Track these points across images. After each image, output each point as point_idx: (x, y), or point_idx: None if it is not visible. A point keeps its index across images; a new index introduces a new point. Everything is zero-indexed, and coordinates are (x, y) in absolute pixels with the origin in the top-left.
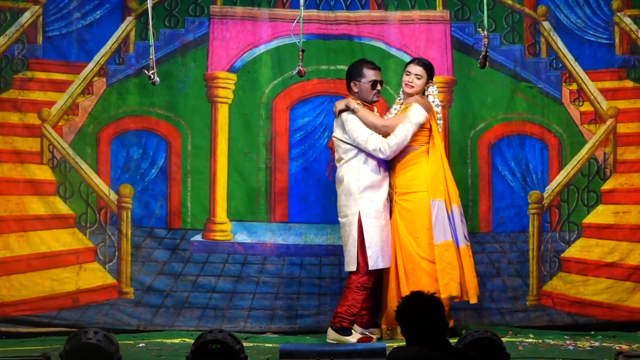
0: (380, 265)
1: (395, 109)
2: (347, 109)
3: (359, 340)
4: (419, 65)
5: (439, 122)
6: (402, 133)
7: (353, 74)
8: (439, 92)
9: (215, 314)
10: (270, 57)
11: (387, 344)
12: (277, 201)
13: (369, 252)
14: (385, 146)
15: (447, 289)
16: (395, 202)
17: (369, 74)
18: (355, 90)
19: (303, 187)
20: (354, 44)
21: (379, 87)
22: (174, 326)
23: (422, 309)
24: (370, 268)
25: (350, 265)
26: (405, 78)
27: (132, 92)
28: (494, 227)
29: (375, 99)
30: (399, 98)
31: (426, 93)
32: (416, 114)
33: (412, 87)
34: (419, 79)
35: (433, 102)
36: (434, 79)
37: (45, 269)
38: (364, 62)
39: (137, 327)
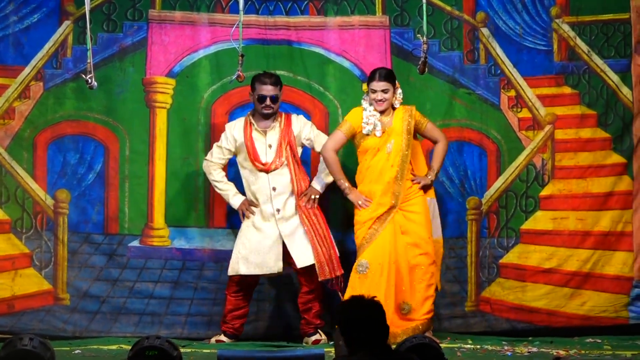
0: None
1: (371, 119)
2: None
3: (314, 342)
4: (381, 81)
5: None
6: None
7: (251, 86)
8: None
9: (153, 320)
10: (209, 62)
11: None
12: (216, 207)
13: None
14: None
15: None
16: (398, 210)
17: (258, 89)
18: (252, 101)
19: (242, 192)
20: (294, 49)
21: (267, 102)
22: (111, 332)
23: (363, 313)
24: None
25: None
26: (372, 96)
27: (69, 97)
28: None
29: (264, 112)
30: (370, 111)
31: (395, 98)
32: None
33: (383, 102)
34: (386, 92)
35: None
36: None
37: None
38: (258, 76)
39: (73, 334)
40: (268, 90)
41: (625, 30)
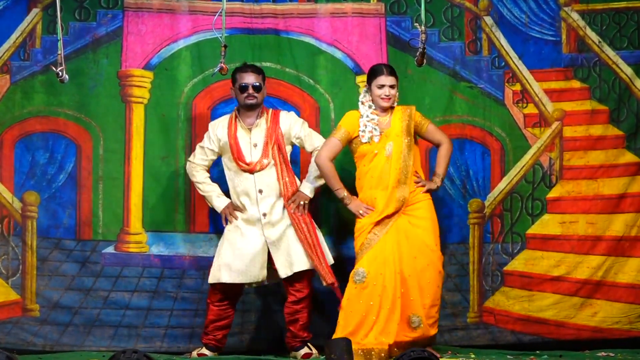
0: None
1: (369, 125)
2: None
3: (303, 357)
4: (390, 75)
5: None
6: None
7: (232, 81)
8: None
9: (129, 333)
10: (190, 53)
11: None
12: (197, 210)
13: None
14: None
15: None
16: (401, 215)
17: (239, 78)
18: (234, 96)
19: (226, 194)
20: (281, 39)
21: (250, 91)
22: (84, 346)
23: None
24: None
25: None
26: (378, 92)
27: (38, 91)
28: None
29: (247, 102)
30: (371, 107)
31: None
32: None
33: (390, 99)
34: (393, 88)
35: None
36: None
37: None
38: (238, 68)
39: (42, 348)
40: (250, 78)
41: (639, 19)
